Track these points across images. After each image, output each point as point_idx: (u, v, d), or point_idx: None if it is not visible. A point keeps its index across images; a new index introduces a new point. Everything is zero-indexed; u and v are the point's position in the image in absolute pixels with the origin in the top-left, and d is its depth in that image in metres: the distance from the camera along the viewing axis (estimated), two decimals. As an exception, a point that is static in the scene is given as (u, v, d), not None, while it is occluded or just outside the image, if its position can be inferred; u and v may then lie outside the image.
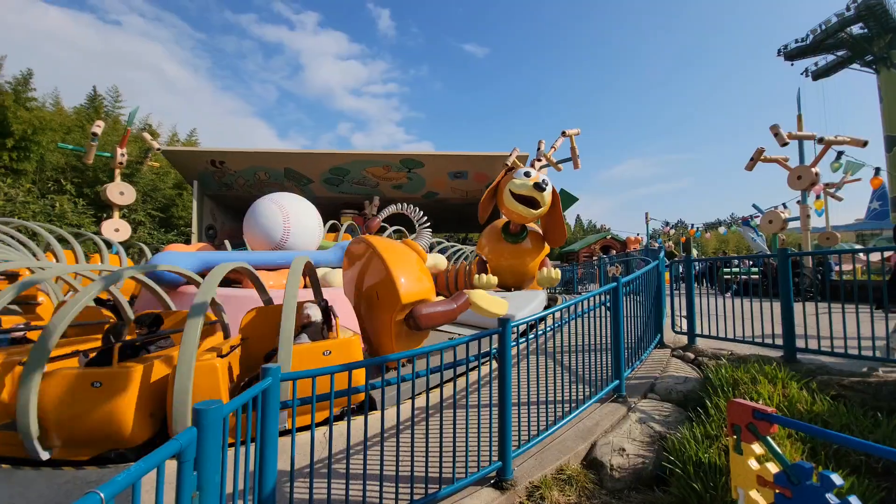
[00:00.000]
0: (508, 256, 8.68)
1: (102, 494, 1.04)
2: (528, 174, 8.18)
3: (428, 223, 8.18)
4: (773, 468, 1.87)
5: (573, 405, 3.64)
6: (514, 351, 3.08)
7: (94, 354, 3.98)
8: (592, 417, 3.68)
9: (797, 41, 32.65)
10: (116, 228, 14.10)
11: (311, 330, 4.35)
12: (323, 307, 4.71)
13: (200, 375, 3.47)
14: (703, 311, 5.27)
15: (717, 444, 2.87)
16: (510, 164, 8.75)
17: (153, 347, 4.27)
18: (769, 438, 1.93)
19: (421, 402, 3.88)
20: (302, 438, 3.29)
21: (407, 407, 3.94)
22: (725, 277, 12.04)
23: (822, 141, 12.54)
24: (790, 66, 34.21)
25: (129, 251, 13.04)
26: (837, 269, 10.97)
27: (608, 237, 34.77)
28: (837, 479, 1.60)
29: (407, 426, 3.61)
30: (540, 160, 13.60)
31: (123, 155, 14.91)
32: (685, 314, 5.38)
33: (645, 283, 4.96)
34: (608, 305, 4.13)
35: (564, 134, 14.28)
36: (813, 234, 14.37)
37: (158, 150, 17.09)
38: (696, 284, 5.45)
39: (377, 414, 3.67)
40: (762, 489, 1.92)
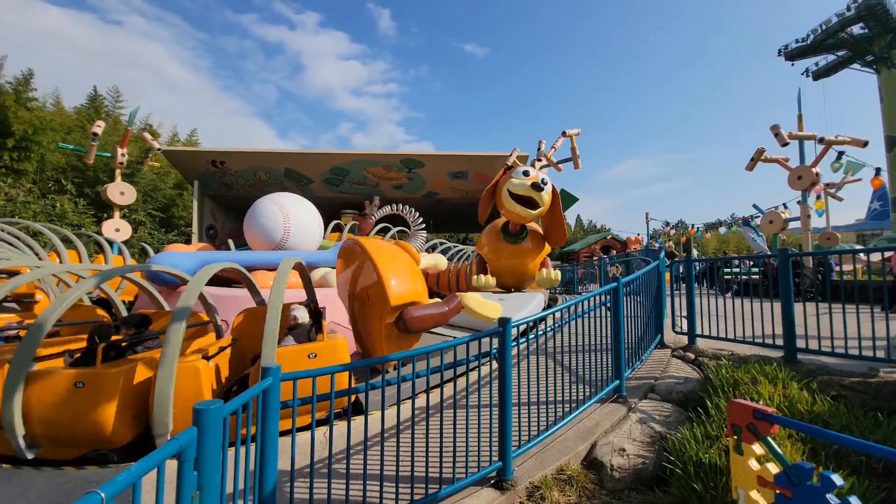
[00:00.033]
0: (508, 256, 8.52)
1: (103, 494, 1.04)
2: (526, 173, 7.99)
3: (423, 225, 8.06)
4: (773, 468, 1.87)
5: (573, 405, 3.64)
6: (514, 351, 3.07)
7: (78, 355, 3.96)
8: (593, 418, 3.68)
9: (798, 41, 32.64)
10: (117, 228, 14.11)
11: (297, 332, 4.28)
12: (312, 309, 4.64)
13: (183, 377, 3.45)
14: (703, 311, 5.26)
15: (717, 444, 2.87)
16: (510, 164, 8.60)
17: (140, 348, 4.23)
18: (769, 439, 1.93)
19: (421, 402, 3.88)
20: (302, 438, 3.29)
21: (407, 407, 3.94)
22: (726, 278, 12.03)
23: (822, 141, 12.54)
24: (790, 66, 34.21)
25: (130, 251, 13.04)
26: (838, 269, 10.96)
27: (608, 237, 34.75)
28: (838, 479, 1.60)
29: (407, 426, 3.61)
30: (540, 160, 13.59)
31: (124, 155, 14.93)
32: (685, 314, 5.38)
33: (645, 283, 4.95)
34: (608, 306, 4.13)
35: (565, 134, 14.27)
36: (813, 234, 14.38)
37: (159, 150, 17.10)
38: (696, 285, 5.44)
39: (377, 414, 3.67)
40: (763, 489, 1.92)
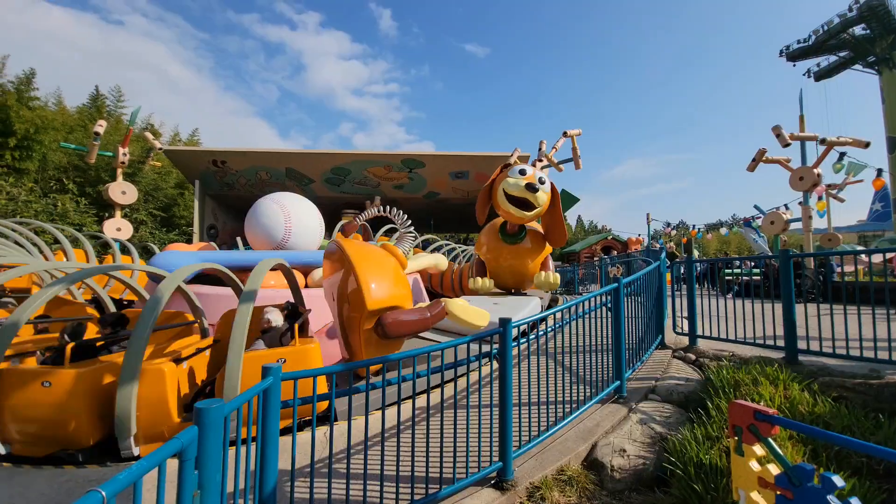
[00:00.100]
0: (507, 257, 8.24)
1: (104, 493, 1.04)
2: (523, 171, 7.62)
3: (411, 227, 7.88)
4: (774, 470, 1.87)
5: (574, 406, 3.64)
6: (514, 351, 3.07)
7: (49, 353, 3.94)
8: (593, 418, 3.67)
9: (799, 42, 32.59)
10: (118, 228, 14.12)
11: (270, 335, 4.13)
12: (290, 311, 4.50)
13: (148, 380, 3.40)
14: (704, 312, 5.26)
15: (718, 445, 2.86)
16: (510, 163, 8.43)
17: (116, 348, 4.16)
18: (770, 440, 1.93)
19: (422, 402, 3.88)
20: (302, 438, 3.30)
21: (408, 407, 3.94)
22: (727, 278, 12.01)
23: (824, 142, 12.51)
24: (792, 66, 34.14)
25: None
26: (839, 270, 10.94)
27: (609, 238, 34.75)
28: (839, 480, 1.60)
29: (408, 426, 3.61)
30: (541, 160, 13.59)
31: (125, 154, 14.93)
32: (686, 315, 5.37)
33: (646, 283, 4.94)
34: (609, 306, 4.12)
35: (566, 134, 14.26)
36: (815, 235, 14.35)
37: (160, 149, 17.11)
38: (697, 285, 5.44)
39: (377, 414, 3.67)
40: (763, 491, 1.91)
